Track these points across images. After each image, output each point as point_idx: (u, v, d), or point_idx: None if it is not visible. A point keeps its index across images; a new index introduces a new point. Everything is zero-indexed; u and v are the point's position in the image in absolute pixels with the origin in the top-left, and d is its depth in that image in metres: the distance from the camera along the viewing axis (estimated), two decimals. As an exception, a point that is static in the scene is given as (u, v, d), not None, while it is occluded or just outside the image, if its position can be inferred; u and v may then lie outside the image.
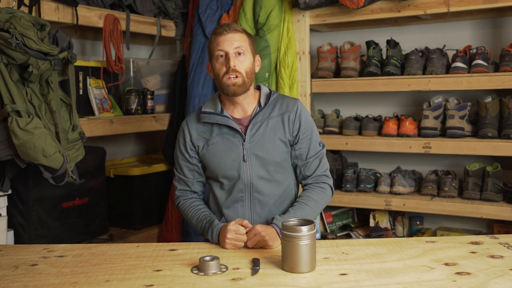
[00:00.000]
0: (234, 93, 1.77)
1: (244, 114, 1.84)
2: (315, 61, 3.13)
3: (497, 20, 2.86)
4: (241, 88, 1.76)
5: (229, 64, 1.73)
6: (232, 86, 1.75)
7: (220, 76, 1.76)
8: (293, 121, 1.82)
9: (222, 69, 1.76)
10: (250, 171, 1.79)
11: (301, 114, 1.84)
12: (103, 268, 1.47)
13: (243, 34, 1.79)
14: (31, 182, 2.38)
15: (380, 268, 1.40)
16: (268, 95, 1.87)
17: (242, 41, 1.77)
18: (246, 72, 1.76)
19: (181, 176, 1.90)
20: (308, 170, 1.85)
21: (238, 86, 1.75)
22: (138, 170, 3.08)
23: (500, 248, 1.53)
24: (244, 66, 1.76)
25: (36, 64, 2.01)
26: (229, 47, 1.75)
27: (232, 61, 1.74)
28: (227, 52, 1.75)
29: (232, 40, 1.75)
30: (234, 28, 1.77)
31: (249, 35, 1.82)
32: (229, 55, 1.74)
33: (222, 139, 1.81)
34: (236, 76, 1.74)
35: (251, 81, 1.80)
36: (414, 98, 3.07)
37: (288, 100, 1.87)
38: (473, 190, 2.62)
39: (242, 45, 1.76)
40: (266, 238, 1.61)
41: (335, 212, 3.19)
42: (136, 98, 2.94)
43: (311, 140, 1.85)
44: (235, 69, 1.74)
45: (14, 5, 2.22)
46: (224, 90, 1.77)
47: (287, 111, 1.83)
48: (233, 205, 1.82)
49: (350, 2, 2.66)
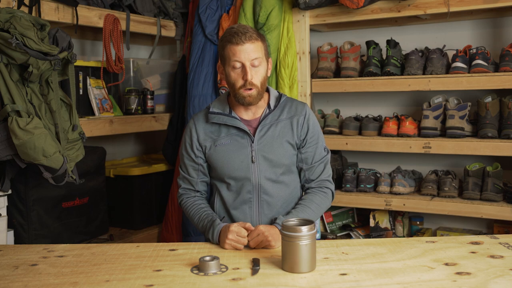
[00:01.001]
0: (249, 104, 1.78)
1: (253, 116, 1.85)
2: (315, 61, 3.13)
3: (497, 20, 2.86)
4: (256, 99, 1.78)
5: (247, 77, 1.73)
6: (248, 98, 1.76)
7: (236, 87, 1.76)
8: (301, 125, 1.84)
9: (239, 81, 1.75)
10: (258, 172, 1.80)
11: (309, 119, 1.86)
12: (103, 268, 1.47)
13: (258, 41, 1.76)
14: (31, 182, 2.38)
15: (380, 268, 1.40)
16: (277, 98, 1.88)
17: (258, 51, 1.74)
18: (261, 82, 1.77)
19: (185, 175, 1.90)
20: (313, 174, 1.87)
21: (253, 97, 1.76)
22: (138, 170, 3.08)
23: (500, 248, 1.53)
24: (259, 77, 1.76)
25: (36, 64, 2.01)
26: (246, 59, 1.73)
27: (249, 74, 1.72)
28: (243, 63, 1.73)
29: (249, 51, 1.72)
30: (251, 37, 1.73)
31: (262, 39, 1.79)
32: (246, 67, 1.73)
33: (230, 140, 1.82)
34: (251, 89, 1.74)
35: (264, 89, 1.81)
36: (414, 98, 3.07)
37: (297, 103, 1.89)
38: (473, 190, 2.62)
39: (258, 56, 1.74)
40: (269, 238, 1.61)
41: (335, 212, 3.19)
42: (136, 98, 2.94)
43: (317, 145, 1.88)
44: (252, 82, 1.73)
45: (14, 5, 2.22)
46: (239, 100, 1.78)
47: (296, 114, 1.85)
48: (241, 206, 1.82)
49: (350, 2, 2.66)
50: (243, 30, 1.73)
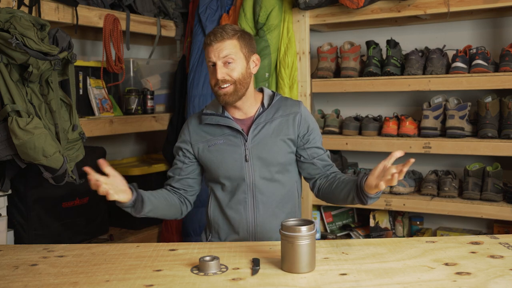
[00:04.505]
0: (225, 102, 1.78)
1: (245, 115, 1.85)
2: (315, 61, 3.13)
3: (497, 20, 2.86)
4: (233, 97, 1.77)
5: (217, 76, 1.74)
6: (223, 96, 1.76)
7: (212, 86, 1.79)
8: (299, 122, 1.84)
9: (213, 80, 1.78)
10: (252, 171, 1.80)
11: (307, 116, 1.88)
12: (103, 268, 1.47)
13: (233, 39, 1.75)
14: (31, 182, 2.38)
15: (380, 268, 1.40)
16: (271, 97, 1.88)
17: (230, 48, 1.74)
18: (239, 79, 1.76)
19: (169, 173, 1.94)
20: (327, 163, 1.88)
21: (229, 95, 1.76)
22: (138, 170, 3.08)
23: (500, 248, 1.53)
24: (235, 74, 1.75)
25: (36, 64, 2.01)
26: (217, 57, 1.74)
27: (219, 73, 1.73)
28: (215, 62, 1.75)
29: (219, 50, 1.73)
30: (222, 36, 1.74)
31: (241, 37, 1.78)
32: (216, 66, 1.74)
33: (224, 140, 1.82)
34: (227, 86, 1.75)
35: (245, 86, 1.79)
36: (414, 98, 3.07)
37: (292, 101, 1.89)
38: (473, 190, 2.62)
39: (230, 53, 1.74)
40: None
41: (335, 212, 3.19)
42: (136, 98, 2.94)
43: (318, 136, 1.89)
44: (224, 79, 1.74)
45: (14, 5, 2.22)
46: (218, 99, 1.80)
47: (291, 112, 1.85)
48: (236, 206, 1.82)
49: (350, 2, 2.66)
50: (216, 31, 1.76)
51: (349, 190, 1.66)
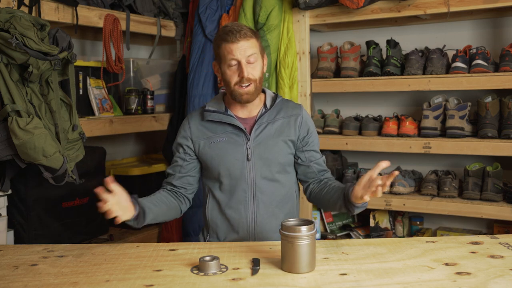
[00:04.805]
0: (247, 101, 1.79)
1: (248, 114, 1.85)
2: (315, 61, 3.13)
3: (497, 20, 2.85)
4: (254, 96, 1.79)
5: (243, 74, 1.73)
6: (245, 95, 1.77)
7: (232, 84, 1.77)
8: (300, 124, 1.86)
9: (234, 78, 1.76)
10: (253, 171, 1.80)
11: (308, 119, 1.90)
12: (103, 268, 1.47)
13: (253, 38, 1.77)
14: (31, 182, 2.38)
15: (380, 268, 1.40)
16: (273, 98, 1.90)
17: (254, 47, 1.76)
18: (259, 77, 1.78)
19: (168, 170, 1.92)
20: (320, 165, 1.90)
21: (251, 94, 1.77)
22: (138, 170, 3.08)
23: (500, 248, 1.53)
24: (256, 73, 1.77)
25: (36, 64, 2.01)
26: (242, 56, 1.73)
27: (245, 70, 1.73)
28: (239, 61, 1.74)
29: (244, 48, 1.73)
30: (245, 34, 1.74)
31: (257, 36, 1.80)
32: (241, 64, 1.74)
33: (225, 138, 1.82)
34: (248, 84, 1.75)
35: (261, 85, 1.82)
36: (414, 98, 3.07)
37: (293, 104, 1.91)
38: (473, 190, 2.62)
39: (254, 52, 1.75)
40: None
41: (335, 212, 3.19)
42: (136, 98, 2.94)
43: (316, 140, 1.92)
44: (248, 78, 1.74)
45: (14, 5, 2.22)
46: (236, 98, 1.78)
47: (293, 114, 1.87)
48: (236, 205, 1.82)
49: (350, 2, 2.66)
50: (238, 28, 1.75)
51: (337, 198, 1.70)
